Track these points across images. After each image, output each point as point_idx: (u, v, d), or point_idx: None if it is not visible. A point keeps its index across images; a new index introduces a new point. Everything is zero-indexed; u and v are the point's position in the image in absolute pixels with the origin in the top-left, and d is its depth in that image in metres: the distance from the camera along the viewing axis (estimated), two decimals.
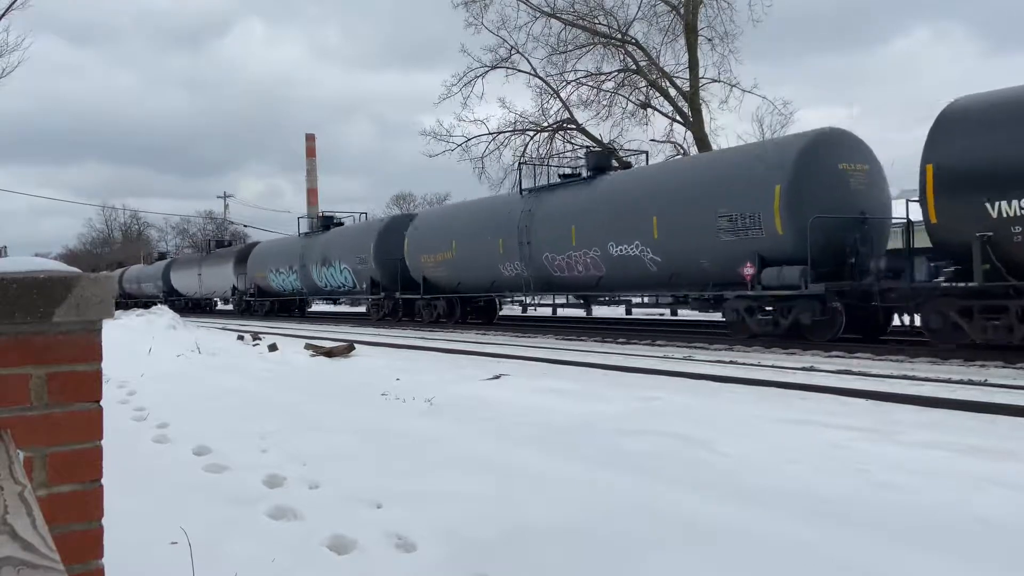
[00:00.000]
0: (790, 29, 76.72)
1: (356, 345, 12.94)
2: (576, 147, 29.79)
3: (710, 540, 2.97)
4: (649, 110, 28.48)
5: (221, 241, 44.26)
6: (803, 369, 9.10)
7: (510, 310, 28.68)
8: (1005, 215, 9.90)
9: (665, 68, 27.77)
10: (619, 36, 27.94)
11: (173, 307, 43.60)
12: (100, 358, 1.51)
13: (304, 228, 33.17)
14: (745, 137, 31.34)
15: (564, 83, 28.97)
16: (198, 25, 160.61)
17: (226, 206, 71.51)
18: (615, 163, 21.23)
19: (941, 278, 10.66)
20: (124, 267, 57.99)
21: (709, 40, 27.28)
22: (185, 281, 43.41)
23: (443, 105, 54.97)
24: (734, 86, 27.54)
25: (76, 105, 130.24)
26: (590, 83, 28.75)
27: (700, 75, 27.25)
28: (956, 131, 10.52)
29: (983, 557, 2.78)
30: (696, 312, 21.17)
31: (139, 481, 3.79)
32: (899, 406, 6.35)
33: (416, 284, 22.62)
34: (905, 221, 12.40)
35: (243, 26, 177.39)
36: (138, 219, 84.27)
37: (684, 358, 10.86)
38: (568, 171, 19.33)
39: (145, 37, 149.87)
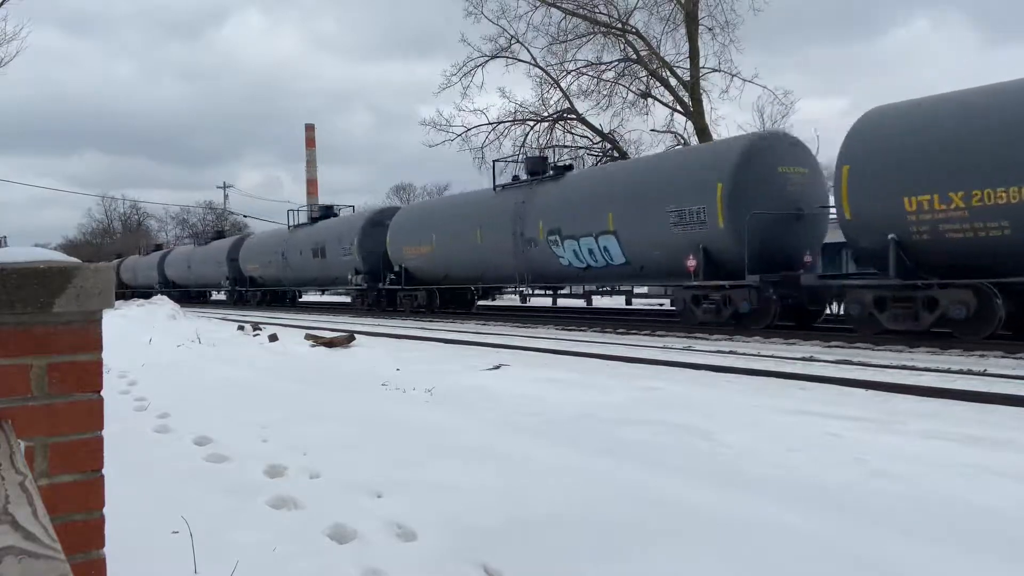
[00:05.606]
0: (790, 18, 76.46)
1: (356, 336, 12.95)
2: (576, 137, 29.81)
3: (710, 528, 2.98)
4: (650, 100, 28.47)
5: (329, 208, 30.08)
6: (803, 359, 9.11)
7: None
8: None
9: (666, 57, 27.74)
10: (619, 25, 27.87)
11: (242, 299, 34.06)
12: (100, 348, 1.51)
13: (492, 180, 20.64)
14: (746, 127, 31.31)
15: (564, 73, 28.96)
16: (195, 15, 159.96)
17: (226, 196, 71.44)
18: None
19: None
20: (165, 249, 48.97)
21: (710, 29, 27.24)
22: (264, 264, 31.76)
23: (443, 95, 54.93)
24: (735, 76, 27.52)
25: (74, 95, 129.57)
26: (590, 73, 28.73)
27: (701, 64, 27.21)
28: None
29: (982, 547, 2.79)
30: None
31: (140, 471, 3.80)
32: (898, 396, 6.36)
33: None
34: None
35: (240, 16, 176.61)
36: (138, 209, 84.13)
37: (684, 348, 10.87)
38: None
39: (142, 27, 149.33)
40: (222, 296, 40.05)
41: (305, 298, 37.55)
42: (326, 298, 39.96)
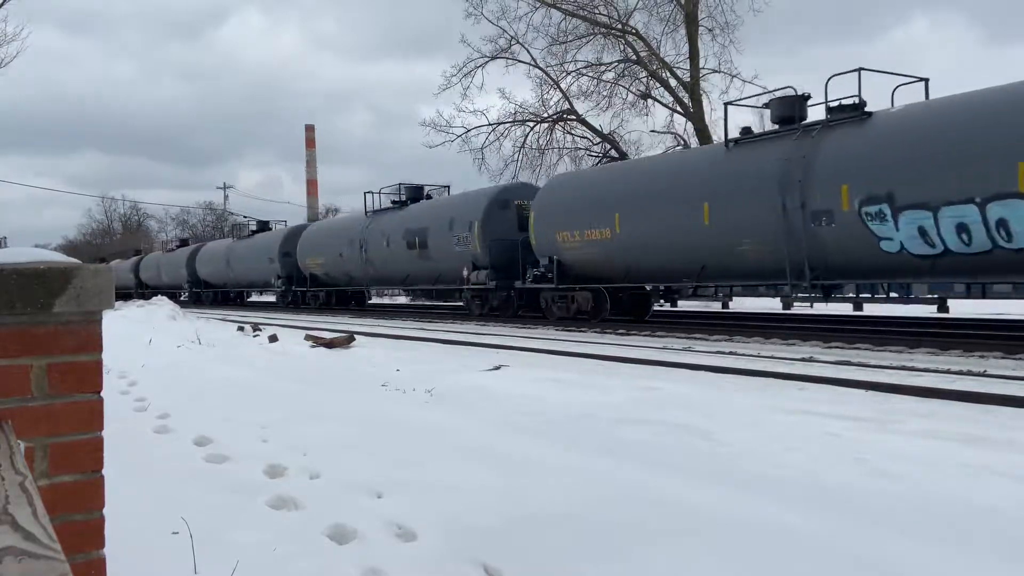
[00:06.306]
0: (790, 19, 76.48)
1: (356, 336, 12.95)
2: (576, 138, 29.84)
3: (710, 528, 2.98)
4: (649, 101, 28.49)
5: (419, 189, 23.97)
6: (802, 360, 9.11)
7: None
8: None
9: (665, 58, 27.78)
10: (619, 26, 27.90)
11: (298, 301, 28.39)
12: (100, 349, 1.51)
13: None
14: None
15: (564, 74, 29.00)
16: (195, 15, 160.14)
17: (226, 197, 71.48)
18: None
19: None
20: (196, 244, 43.17)
21: (710, 30, 27.30)
22: (332, 259, 25.45)
23: (443, 95, 54.93)
24: (735, 76, 27.55)
25: (74, 95, 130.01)
26: (590, 73, 28.77)
27: (700, 65, 27.24)
28: None
29: (982, 547, 2.79)
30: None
31: (140, 471, 3.80)
32: (898, 396, 6.36)
33: None
34: None
35: (240, 16, 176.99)
36: (138, 210, 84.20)
37: (683, 348, 10.87)
38: None
39: (142, 27, 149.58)
40: (268, 298, 35.39)
41: (375, 300, 31.37)
42: (385, 299, 32.86)
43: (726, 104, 14.50)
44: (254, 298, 38.87)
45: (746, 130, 13.91)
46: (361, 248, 23.71)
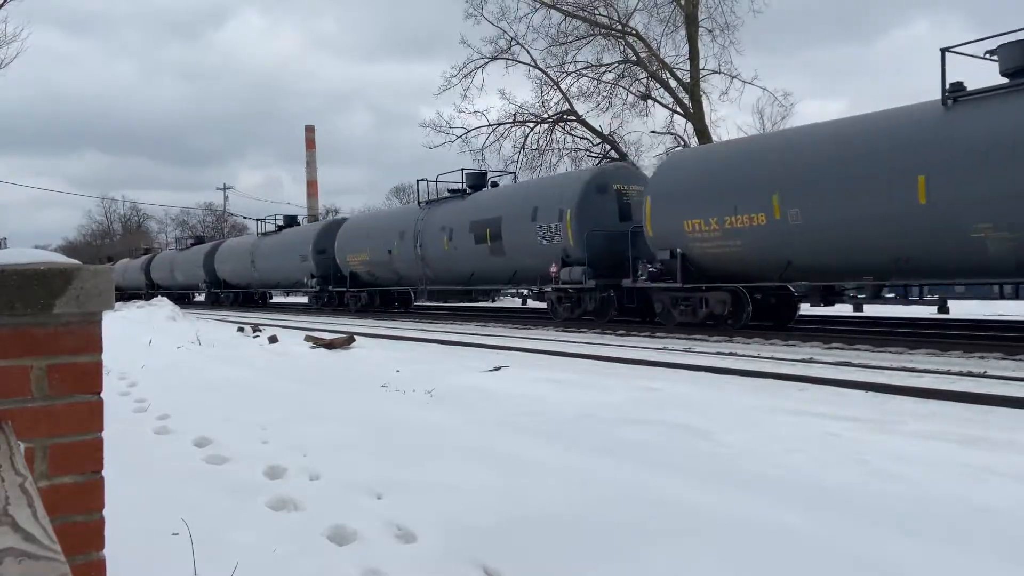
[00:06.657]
0: (790, 20, 76.45)
1: (356, 337, 12.96)
2: (576, 139, 29.85)
3: (710, 528, 2.98)
4: (649, 102, 28.52)
5: (482, 176, 20.97)
6: (802, 361, 9.11)
7: None
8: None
9: (665, 59, 27.80)
10: (619, 27, 27.92)
11: (334, 302, 25.46)
12: (100, 349, 1.51)
13: None
14: (746, 129, 31.39)
15: (564, 74, 29.02)
16: (195, 15, 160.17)
17: (226, 198, 71.53)
18: None
19: None
20: (213, 242, 39.31)
21: (710, 31, 27.33)
22: (377, 255, 22.46)
23: (443, 96, 54.88)
24: (734, 77, 27.61)
25: (74, 95, 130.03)
26: (590, 74, 28.79)
27: (700, 66, 27.27)
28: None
29: (982, 547, 2.79)
30: None
31: (140, 472, 3.80)
32: (898, 397, 6.36)
33: None
34: None
35: (240, 17, 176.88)
36: (138, 211, 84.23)
37: (684, 350, 10.87)
38: None
39: (142, 27, 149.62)
40: (295, 299, 32.84)
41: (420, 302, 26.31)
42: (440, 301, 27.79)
43: (943, 50, 10.67)
44: (278, 299, 35.77)
45: (956, 85, 10.61)
46: (416, 243, 20.35)
